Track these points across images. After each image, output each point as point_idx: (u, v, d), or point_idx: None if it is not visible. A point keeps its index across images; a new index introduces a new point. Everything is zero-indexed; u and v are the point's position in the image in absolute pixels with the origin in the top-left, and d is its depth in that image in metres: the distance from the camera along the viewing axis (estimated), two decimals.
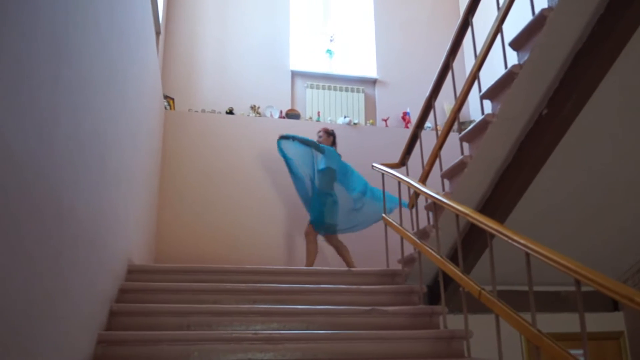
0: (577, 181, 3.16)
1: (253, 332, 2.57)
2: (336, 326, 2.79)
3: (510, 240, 2.20)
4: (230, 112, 5.42)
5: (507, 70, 2.63)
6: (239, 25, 5.87)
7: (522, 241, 2.13)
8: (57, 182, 1.59)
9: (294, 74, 5.94)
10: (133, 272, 3.10)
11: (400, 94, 5.97)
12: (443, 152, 3.29)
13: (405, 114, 5.88)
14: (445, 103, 5.69)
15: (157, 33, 5.06)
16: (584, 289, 1.86)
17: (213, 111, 5.41)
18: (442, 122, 3.79)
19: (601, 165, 3.16)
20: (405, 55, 6.17)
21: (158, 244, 4.73)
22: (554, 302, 4.05)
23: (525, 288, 2.12)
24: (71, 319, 1.91)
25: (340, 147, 4.99)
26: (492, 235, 2.37)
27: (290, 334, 2.62)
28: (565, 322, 3.84)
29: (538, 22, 2.45)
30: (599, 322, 4.22)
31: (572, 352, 2.13)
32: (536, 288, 2.12)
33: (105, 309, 2.53)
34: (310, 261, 4.23)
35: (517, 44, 2.63)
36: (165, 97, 5.28)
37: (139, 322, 2.60)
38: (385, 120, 5.84)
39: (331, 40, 6.21)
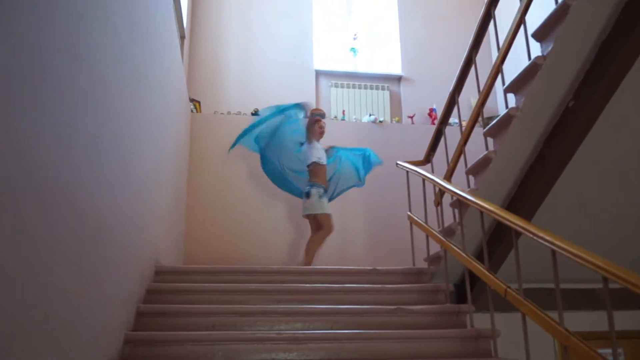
0: (607, 175, 3.05)
1: (277, 332, 2.58)
2: (360, 326, 2.78)
3: (535, 237, 2.14)
4: (255, 113, 5.44)
5: (530, 62, 2.56)
6: (263, 26, 5.91)
7: (547, 238, 2.07)
8: (75, 185, 1.62)
9: (318, 73, 5.94)
10: (160, 273, 3.15)
11: (426, 90, 5.90)
12: (470, 148, 3.23)
13: (431, 110, 5.81)
14: (472, 98, 5.59)
15: (182, 37, 5.14)
16: (618, 286, 1.79)
17: (238, 113, 5.46)
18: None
19: (632, 157, 3.04)
20: (431, 51, 6.09)
21: (187, 245, 4.80)
22: (588, 300, 3.93)
23: (551, 286, 2.07)
24: (96, 319, 1.95)
25: (366, 145, 4.97)
26: (518, 233, 2.32)
27: (314, 333, 2.62)
28: (599, 320, 3.75)
29: (561, 12, 2.38)
30: (636, 320, 4.08)
31: (607, 351, 2.07)
32: (569, 285, 2.07)
33: (132, 309, 2.58)
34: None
35: (540, 35, 2.56)
36: (192, 100, 5.35)
37: (165, 322, 2.64)
38: (411, 117, 5.78)
39: (355, 38, 6.18)
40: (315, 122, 4.63)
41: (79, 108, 1.65)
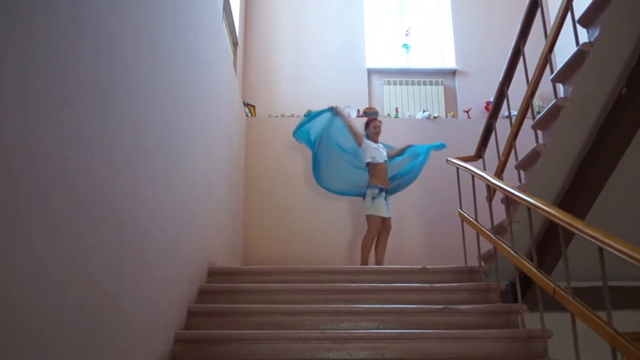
0: None
1: (321, 331, 2.61)
2: (406, 325, 2.76)
3: (582, 234, 2.04)
4: (308, 114, 5.51)
5: (576, 49, 2.44)
6: (314, 29, 5.97)
7: (594, 234, 1.97)
8: (115, 193, 1.73)
9: (370, 72, 5.92)
10: (213, 274, 3.27)
11: (482, 83, 5.73)
12: (522, 143, 3.11)
13: (488, 103, 5.63)
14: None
15: (235, 44, 5.29)
16: None
17: (292, 115, 5.55)
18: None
19: None
20: (485, 43, 5.91)
21: (246, 247, 4.94)
22: None
23: (616, 284, 1.95)
24: (146, 319, 2.07)
25: (420, 142, 4.90)
26: (565, 230, 2.22)
27: (358, 333, 2.63)
28: None
29: None
30: None
31: None
32: (626, 283, 1.94)
33: (183, 309, 2.70)
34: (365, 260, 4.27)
35: (586, 20, 2.42)
36: (246, 104, 5.50)
37: (215, 322, 2.74)
38: (467, 112, 5.64)
39: (407, 35, 6.11)
40: (369, 123, 4.63)
41: (119, 120, 1.75)
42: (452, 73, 5.92)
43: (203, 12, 3.23)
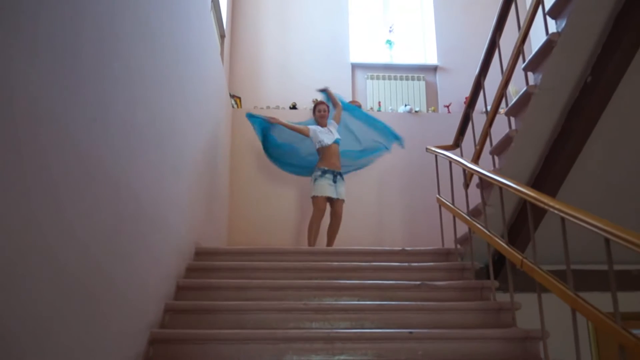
0: (628, 147, 3.00)
1: (304, 302, 2.74)
2: (386, 299, 2.89)
3: (547, 207, 2.20)
4: (294, 107, 5.65)
5: (545, 39, 2.61)
6: (300, 23, 6.11)
7: (557, 206, 2.13)
8: (112, 158, 1.84)
9: (354, 66, 6.07)
10: (200, 253, 3.38)
11: (462, 79, 5.90)
12: (499, 132, 3.27)
13: (467, 99, 5.80)
14: (510, 86, 5.56)
15: (222, 37, 5.40)
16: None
17: (277, 107, 5.67)
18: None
19: None
20: (466, 40, 6.09)
21: (231, 231, 5.06)
22: (624, 281, 3.87)
23: (589, 267, 2.09)
24: (136, 289, 2.18)
25: (402, 135, 5.05)
26: (534, 206, 2.37)
27: (339, 304, 2.77)
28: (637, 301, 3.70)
29: None
30: None
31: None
32: (600, 267, 2.03)
33: (172, 283, 2.81)
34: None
35: (555, 11, 2.60)
36: (232, 96, 5.61)
37: (202, 295, 2.85)
38: (447, 107, 5.82)
39: (390, 31, 6.28)
40: (315, 107, 4.79)
41: (114, 92, 1.87)
42: (434, 69, 6.10)
43: (192, 1, 3.35)
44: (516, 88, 5.51)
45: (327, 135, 4.59)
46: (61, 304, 1.47)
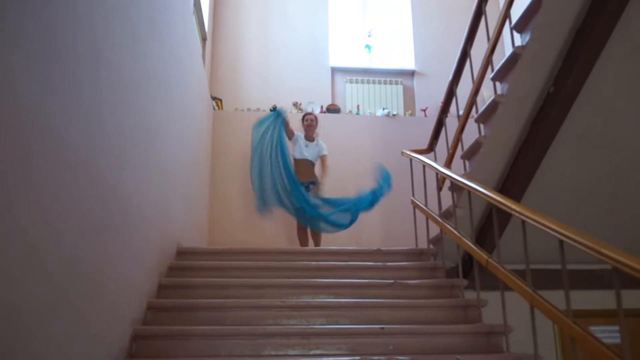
0: (587, 154, 3.17)
1: (282, 300, 2.86)
2: (361, 297, 3.03)
3: (509, 210, 2.36)
4: (274, 109, 5.74)
5: (511, 51, 2.77)
6: (280, 27, 6.22)
7: (518, 209, 2.29)
8: (96, 162, 1.94)
9: (334, 70, 6.21)
10: (182, 253, 3.47)
11: (439, 84, 6.06)
12: (471, 138, 3.41)
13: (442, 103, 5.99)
14: (485, 91, 5.75)
15: (204, 39, 5.49)
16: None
17: (258, 109, 5.78)
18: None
19: (621, 139, 3.19)
20: (443, 46, 6.27)
21: (212, 232, 5.15)
22: (588, 280, 4.06)
23: (557, 267, 2.19)
24: (120, 287, 2.27)
25: (380, 138, 5.23)
26: (499, 209, 2.52)
27: (316, 302, 2.90)
28: (601, 299, 3.89)
29: (536, 4, 2.58)
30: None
31: (605, 328, 2.15)
32: (570, 266, 2.15)
33: (154, 282, 2.90)
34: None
35: (520, 26, 2.77)
36: (214, 98, 5.70)
37: (184, 294, 2.95)
38: (424, 111, 5.99)
39: (369, 36, 6.43)
40: (303, 117, 4.91)
41: (100, 98, 1.97)
42: (411, 74, 6.27)
43: (176, 4, 3.44)
44: (490, 93, 5.72)
45: (303, 149, 4.71)
46: (44, 302, 1.52)
